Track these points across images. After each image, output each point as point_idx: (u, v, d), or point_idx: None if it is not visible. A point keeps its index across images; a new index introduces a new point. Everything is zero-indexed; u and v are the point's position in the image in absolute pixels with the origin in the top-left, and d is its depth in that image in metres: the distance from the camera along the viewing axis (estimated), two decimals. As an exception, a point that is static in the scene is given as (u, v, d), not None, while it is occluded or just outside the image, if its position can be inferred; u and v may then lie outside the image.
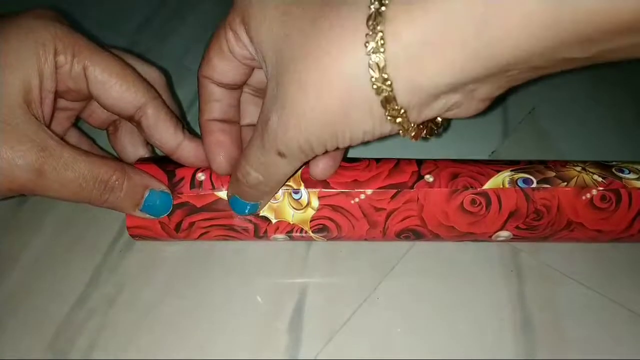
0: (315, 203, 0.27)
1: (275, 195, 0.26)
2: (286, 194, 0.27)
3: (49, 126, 0.24)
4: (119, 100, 0.25)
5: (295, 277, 0.30)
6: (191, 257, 0.30)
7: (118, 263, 0.30)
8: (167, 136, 0.27)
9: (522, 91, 0.40)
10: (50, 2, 0.45)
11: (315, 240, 0.29)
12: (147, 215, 0.27)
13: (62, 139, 0.24)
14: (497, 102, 0.23)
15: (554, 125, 0.38)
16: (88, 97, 0.26)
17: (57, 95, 0.25)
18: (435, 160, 0.28)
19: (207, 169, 0.27)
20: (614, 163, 0.28)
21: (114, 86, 0.25)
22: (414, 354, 0.27)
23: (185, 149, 0.27)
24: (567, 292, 0.29)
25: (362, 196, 0.27)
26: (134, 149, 0.30)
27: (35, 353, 0.27)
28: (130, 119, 0.27)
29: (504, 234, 0.28)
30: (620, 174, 0.27)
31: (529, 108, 0.39)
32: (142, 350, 0.27)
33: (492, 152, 0.36)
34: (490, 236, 0.28)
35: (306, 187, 0.27)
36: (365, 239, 0.29)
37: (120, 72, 0.25)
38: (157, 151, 0.30)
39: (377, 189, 0.27)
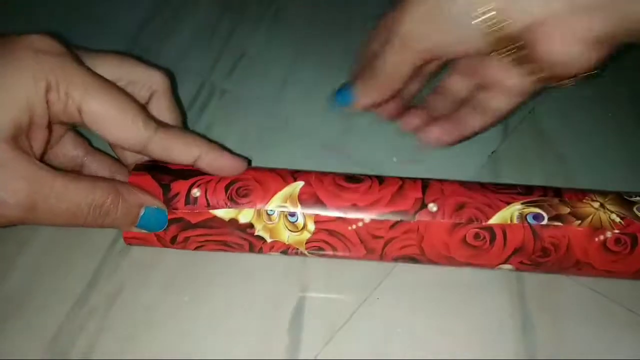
0: (311, 227, 0.26)
1: (271, 217, 0.26)
2: (282, 215, 0.26)
3: (43, 155, 0.24)
4: (121, 138, 0.24)
5: (295, 277, 0.30)
6: (191, 257, 0.30)
7: (118, 263, 0.30)
8: (184, 157, 0.26)
9: (522, 91, 0.40)
10: (51, 1, 0.45)
11: (309, 257, 0.29)
12: (143, 231, 0.27)
13: (60, 140, 0.24)
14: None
15: (554, 126, 0.38)
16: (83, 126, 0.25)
17: (53, 124, 0.24)
18: (442, 182, 0.27)
19: (203, 184, 0.26)
20: (636, 199, 0.26)
21: (113, 123, 0.24)
22: (413, 354, 0.27)
23: (205, 160, 0.26)
24: (567, 292, 0.29)
25: (360, 224, 0.26)
26: (133, 157, 0.29)
27: (35, 353, 0.27)
28: (139, 152, 0.26)
29: (507, 267, 0.27)
30: None
31: (529, 108, 0.39)
32: (142, 351, 0.27)
33: (492, 152, 0.36)
34: (492, 268, 0.27)
35: (302, 209, 0.26)
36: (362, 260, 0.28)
37: (119, 107, 0.23)
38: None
39: (376, 216, 0.26)
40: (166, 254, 0.30)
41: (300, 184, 0.26)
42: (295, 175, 0.27)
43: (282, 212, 0.26)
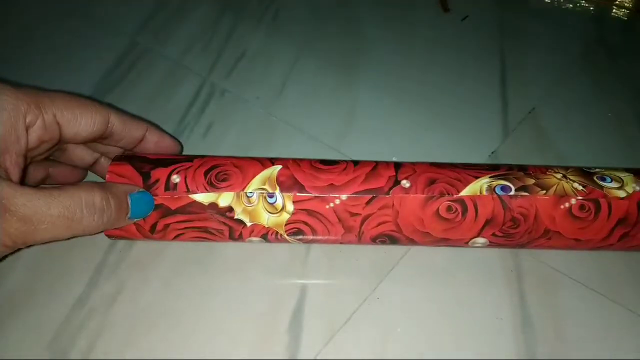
0: (290, 207, 0.26)
1: (250, 199, 0.26)
2: (261, 197, 0.26)
3: (23, 178, 0.25)
4: (92, 126, 0.27)
5: (295, 277, 0.30)
6: (191, 258, 0.30)
7: (118, 263, 0.30)
8: (137, 130, 0.29)
9: (522, 91, 0.40)
10: (51, 1, 0.45)
11: (290, 243, 0.29)
12: (135, 220, 0.27)
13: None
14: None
15: (554, 125, 0.38)
16: (59, 143, 0.27)
17: (29, 152, 0.25)
18: (413, 163, 0.28)
19: (182, 171, 0.27)
20: (596, 170, 0.28)
21: (82, 118, 0.26)
22: (414, 354, 0.27)
23: (149, 138, 0.30)
24: (567, 292, 0.29)
25: (337, 201, 0.26)
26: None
27: (35, 353, 0.27)
28: (103, 136, 0.28)
29: (481, 240, 0.27)
30: (602, 183, 0.27)
31: (529, 108, 0.39)
32: (142, 350, 0.27)
33: (492, 152, 0.36)
34: (467, 242, 0.28)
35: (281, 190, 0.26)
36: (341, 243, 0.28)
37: (80, 103, 0.26)
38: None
39: (352, 194, 0.26)
40: (166, 254, 0.30)
41: (278, 167, 0.27)
42: (273, 160, 0.28)
43: (261, 194, 0.26)
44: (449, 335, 0.28)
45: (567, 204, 0.26)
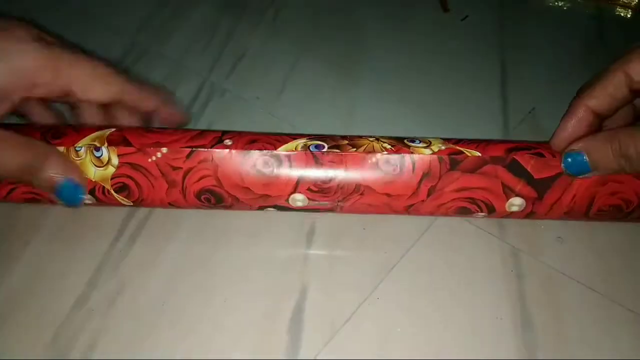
0: (115, 160, 0.28)
1: (79, 153, 0.28)
2: (88, 150, 0.28)
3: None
4: (103, 95, 0.29)
5: (295, 276, 0.30)
6: (191, 258, 0.30)
7: (118, 263, 0.30)
8: (146, 105, 0.31)
9: (522, 91, 0.41)
10: (51, 1, 0.45)
11: (122, 203, 0.29)
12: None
13: None
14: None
15: (554, 126, 0.38)
16: (71, 101, 0.29)
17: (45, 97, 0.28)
18: (240, 132, 0.30)
19: (24, 128, 0.28)
20: (411, 137, 0.30)
21: (96, 87, 0.29)
22: (414, 354, 0.27)
23: (161, 112, 0.32)
24: (567, 292, 0.29)
25: (159, 154, 0.28)
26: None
27: (35, 353, 0.27)
28: (114, 103, 0.30)
29: (299, 197, 0.29)
30: (411, 143, 0.29)
31: (529, 108, 0.39)
32: (142, 350, 0.27)
33: (492, 152, 0.36)
34: (287, 200, 0.29)
35: (109, 145, 0.28)
36: (169, 203, 0.29)
37: (97, 73, 0.29)
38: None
39: (174, 149, 0.28)
40: (167, 254, 0.30)
41: (111, 129, 0.29)
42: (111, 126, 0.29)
43: (88, 148, 0.28)
44: (448, 335, 0.28)
45: (374, 159, 0.28)
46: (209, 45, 0.43)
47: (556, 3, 0.49)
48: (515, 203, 0.28)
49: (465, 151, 0.28)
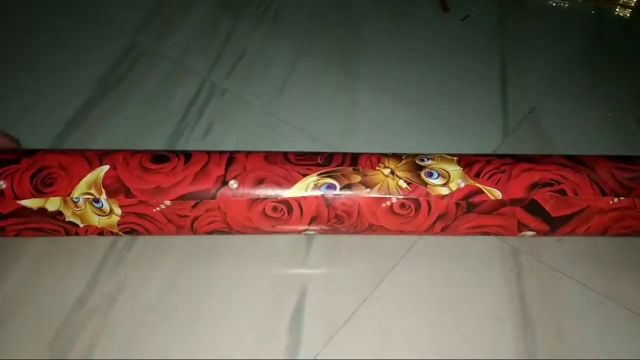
0: (117, 210, 0.27)
1: (77, 204, 0.27)
2: (87, 202, 0.27)
3: None
4: None
5: (295, 278, 0.30)
6: (191, 258, 0.30)
7: (118, 263, 0.30)
8: None
9: (522, 91, 0.40)
10: (51, 2, 0.45)
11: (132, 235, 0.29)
12: None
13: None
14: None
15: (554, 125, 0.38)
16: None
17: None
18: (247, 154, 0.28)
19: (9, 175, 0.27)
20: (428, 162, 0.28)
21: None
22: (413, 354, 0.27)
23: None
24: (567, 292, 0.29)
25: (163, 206, 0.27)
26: None
27: (35, 353, 0.27)
28: None
29: (311, 230, 0.29)
30: (428, 179, 0.27)
31: (529, 108, 0.39)
32: (141, 350, 0.27)
33: (493, 152, 0.36)
34: (300, 232, 0.29)
35: (107, 195, 0.26)
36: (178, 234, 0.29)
37: None
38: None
39: (177, 198, 0.26)
40: (166, 255, 0.30)
41: (105, 168, 0.27)
42: (102, 157, 0.28)
43: (86, 199, 0.27)
44: (449, 335, 0.28)
45: (388, 203, 0.27)
46: (209, 45, 0.43)
47: (556, 3, 0.49)
48: (528, 234, 0.28)
49: (485, 190, 0.27)
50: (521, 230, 0.28)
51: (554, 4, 0.48)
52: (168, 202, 0.27)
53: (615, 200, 0.27)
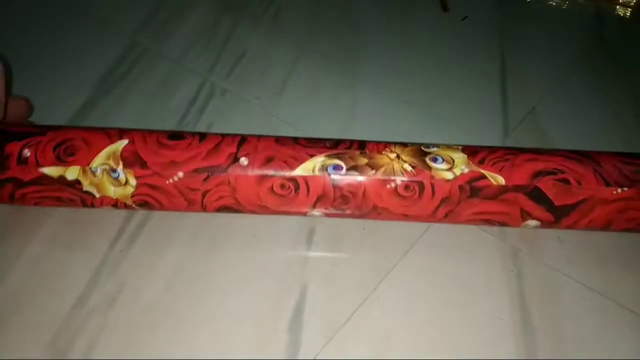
0: (132, 181, 0.28)
1: (95, 174, 0.28)
2: (104, 172, 0.28)
3: None
4: None
5: (295, 277, 0.30)
6: (191, 258, 0.30)
7: (118, 263, 0.30)
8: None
9: (522, 91, 0.40)
10: (51, 2, 0.45)
11: (141, 210, 0.30)
12: None
13: None
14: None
15: (554, 125, 0.38)
16: None
17: None
18: (259, 137, 0.29)
19: (34, 145, 0.28)
20: (433, 149, 0.28)
21: None
22: (413, 354, 0.27)
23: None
24: (567, 292, 0.29)
25: (176, 178, 0.28)
26: None
27: (35, 353, 0.27)
28: None
29: (317, 212, 0.29)
30: (432, 164, 0.28)
31: (529, 108, 0.39)
32: (141, 350, 0.27)
33: (492, 152, 0.36)
34: (305, 213, 0.29)
35: (124, 167, 0.28)
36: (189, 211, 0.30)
37: None
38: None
39: (190, 171, 0.28)
40: (167, 254, 0.30)
41: (124, 142, 0.28)
42: (122, 133, 0.29)
43: (104, 169, 0.28)
44: (449, 335, 0.28)
45: (393, 185, 0.28)
46: (209, 45, 0.43)
47: (556, 3, 0.49)
48: (531, 224, 0.28)
49: (488, 175, 0.27)
50: (525, 219, 0.28)
51: (554, 4, 0.48)
52: (181, 174, 0.28)
53: (619, 190, 0.27)
